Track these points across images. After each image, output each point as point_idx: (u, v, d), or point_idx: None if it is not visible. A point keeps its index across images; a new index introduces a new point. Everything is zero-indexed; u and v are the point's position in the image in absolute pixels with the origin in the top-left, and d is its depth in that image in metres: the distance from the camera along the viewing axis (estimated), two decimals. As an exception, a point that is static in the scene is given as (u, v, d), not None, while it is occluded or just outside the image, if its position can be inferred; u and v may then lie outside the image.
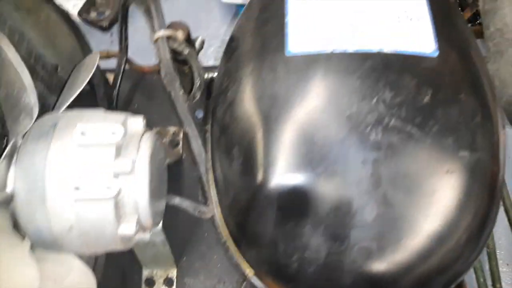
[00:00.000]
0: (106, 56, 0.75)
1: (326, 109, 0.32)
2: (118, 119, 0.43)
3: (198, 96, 0.52)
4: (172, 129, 0.71)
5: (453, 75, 0.34)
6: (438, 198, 0.32)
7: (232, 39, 0.39)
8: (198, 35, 0.69)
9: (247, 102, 0.34)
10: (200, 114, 0.50)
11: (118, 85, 0.67)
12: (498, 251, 0.60)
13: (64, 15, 0.56)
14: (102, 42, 0.84)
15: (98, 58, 0.54)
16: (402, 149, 0.31)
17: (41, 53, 0.57)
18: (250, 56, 0.36)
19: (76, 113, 0.46)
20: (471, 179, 0.32)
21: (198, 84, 0.53)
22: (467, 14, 0.71)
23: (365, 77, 0.33)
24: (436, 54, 0.34)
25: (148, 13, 0.53)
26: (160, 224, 0.54)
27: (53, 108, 0.56)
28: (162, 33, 0.52)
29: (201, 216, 0.50)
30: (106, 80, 0.71)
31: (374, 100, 0.32)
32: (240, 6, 0.78)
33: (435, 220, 0.31)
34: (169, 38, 0.52)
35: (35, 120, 0.44)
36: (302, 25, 0.35)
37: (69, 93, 0.53)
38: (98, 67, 0.64)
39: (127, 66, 0.70)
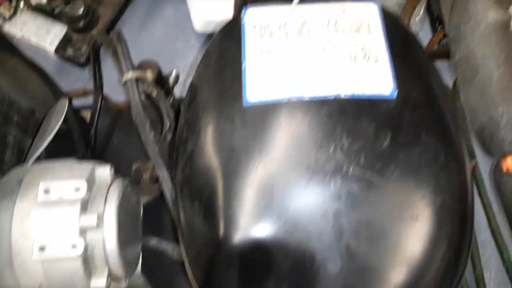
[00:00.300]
0: (83, 93, 0.75)
1: (284, 160, 0.32)
2: (84, 172, 0.43)
3: (169, 137, 0.52)
4: (152, 164, 0.71)
5: (413, 115, 0.33)
6: (404, 246, 0.31)
7: (191, 88, 0.38)
8: (173, 68, 0.69)
9: (206, 155, 0.34)
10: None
11: (95, 123, 0.67)
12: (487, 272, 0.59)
13: (30, 63, 0.56)
14: (80, 78, 0.84)
15: (67, 104, 0.54)
16: (363, 198, 0.31)
17: (14, 99, 0.56)
18: (208, 106, 0.35)
19: (43, 166, 0.46)
20: (437, 223, 0.31)
21: (167, 126, 0.52)
22: (441, 33, 0.71)
23: (322, 124, 0.32)
24: (394, 94, 0.33)
25: (115, 55, 0.53)
26: (139, 267, 0.53)
27: (26, 154, 0.56)
28: (130, 75, 0.51)
29: (178, 258, 0.49)
30: (83, 119, 0.70)
31: (332, 148, 0.31)
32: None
33: (402, 269, 0.31)
34: (138, 79, 0.52)
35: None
36: (259, 73, 0.34)
37: (39, 142, 0.53)
38: (71, 109, 0.64)
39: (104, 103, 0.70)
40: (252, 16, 0.37)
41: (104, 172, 0.44)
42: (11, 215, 0.40)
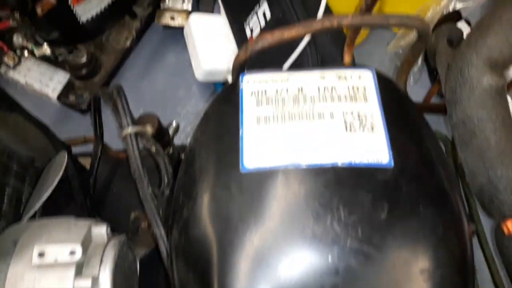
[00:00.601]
0: (83, 141, 0.76)
1: (280, 231, 0.32)
2: (81, 232, 0.43)
3: (167, 193, 0.52)
4: (150, 214, 0.70)
5: (411, 185, 0.33)
6: (403, 322, 0.30)
7: (188, 152, 0.39)
8: (173, 117, 0.70)
9: (201, 224, 0.34)
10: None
11: (94, 173, 0.67)
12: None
13: (30, 116, 0.57)
14: (82, 123, 0.85)
15: (66, 158, 0.54)
16: (361, 272, 0.30)
17: (14, 150, 0.57)
18: (204, 173, 0.35)
19: (39, 225, 0.45)
20: (437, 297, 0.31)
21: (166, 182, 0.52)
22: (438, 85, 0.72)
23: (319, 194, 0.32)
24: (391, 164, 0.34)
25: (115, 109, 0.53)
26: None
27: (25, 206, 0.56)
28: (129, 130, 0.52)
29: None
30: (82, 167, 0.71)
31: (329, 219, 0.31)
32: (217, 84, 0.79)
33: None
34: (137, 134, 0.53)
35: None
36: (256, 140, 0.35)
37: (37, 197, 0.53)
38: (71, 158, 0.65)
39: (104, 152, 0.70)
40: (249, 82, 0.38)
41: (100, 231, 0.44)
42: (5, 277, 0.40)
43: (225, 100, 0.39)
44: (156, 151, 0.52)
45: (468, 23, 0.81)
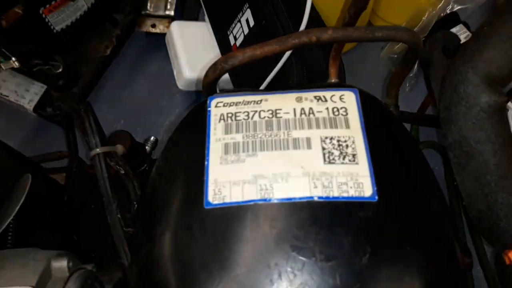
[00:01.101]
0: (59, 157, 0.72)
1: (247, 279, 0.28)
2: (38, 268, 0.40)
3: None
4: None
5: (397, 223, 0.30)
6: None
7: (149, 184, 0.35)
8: (150, 135, 0.67)
9: (160, 269, 0.30)
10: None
11: (68, 189, 0.64)
12: None
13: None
14: (60, 135, 0.82)
15: (29, 180, 0.51)
16: (339, 327, 0.27)
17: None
18: (165, 210, 0.32)
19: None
20: None
21: (135, 207, 0.49)
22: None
23: (292, 235, 0.29)
24: (375, 198, 0.30)
25: (82, 129, 0.50)
26: None
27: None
28: (98, 150, 0.49)
29: None
30: (58, 185, 0.67)
31: (302, 265, 0.28)
32: (199, 93, 0.76)
33: None
34: (107, 154, 0.49)
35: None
36: (224, 171, 0.31)
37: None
38: (43, 179, 0.61)
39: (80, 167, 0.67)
40: (218, 105, 0.34)
41: (61, 265, 0.40)
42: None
43: (190, 125, 0.35)
44: (126, 174, 0.48)
45: (467, 26, 0.77)
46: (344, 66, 0.61)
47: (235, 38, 0.66)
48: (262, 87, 0.58)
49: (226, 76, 0.67)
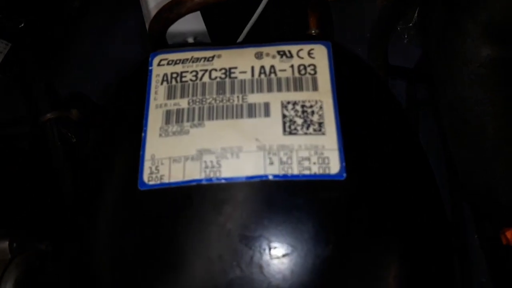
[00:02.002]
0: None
1: (186, 277, 0.24)
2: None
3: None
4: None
5: (368, 206, 0.25)
6: None
7: (85, 158, 0.30)
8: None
9: (93, 260, 0.26)
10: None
11: (33, 156, 0.60)
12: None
13: None
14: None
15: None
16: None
17: None
18: (99, 192, 0.27)
19: None
20: None
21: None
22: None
23: (241, 223, 0.24)
24: (342, 175, 0.25)
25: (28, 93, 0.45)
26: None
27: None
28: (48, 115, 0.44)
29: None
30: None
31: (253, 260, 0.23)
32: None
33: None
34: (59, 119, 0.44)
35: None
36: (164, 145, 0.26)
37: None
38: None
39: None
40: (161, 64, 0.29)
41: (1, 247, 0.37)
42: None
43: (129, 88, 0.30)
44: (78, 143, 0.44)
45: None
46: (332, 15, 0.54)
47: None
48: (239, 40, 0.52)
49: (203, 28, 0.61)
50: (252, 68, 0.28)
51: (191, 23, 0.48)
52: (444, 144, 0.48)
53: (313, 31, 0.38)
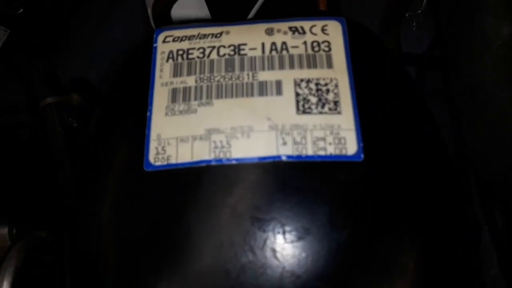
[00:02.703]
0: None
1: (196, 268, 0.22)
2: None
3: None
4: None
5: (387, 189, 0.24)
6: None
7: (88, 138, 0.29)
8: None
9: (97, 246, 0.25)
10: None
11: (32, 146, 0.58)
12: None
13: None
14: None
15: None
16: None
17: None
18: (103, 173, 0.26)
19: None
20: None
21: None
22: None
23: (252, 205, 0.23)
24: (360, 157, 0.24)
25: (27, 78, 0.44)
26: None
27: None
28: (48, 99, 0.43)
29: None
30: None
31: (264, 241, 0.22)
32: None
33: None
34: (59, 105, 0.43)
35: None
36: (170, 124, 0.25)
37: None
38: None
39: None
40: (166, 40, 0.27)
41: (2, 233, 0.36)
42: None
43: (132, 66, 0.28)
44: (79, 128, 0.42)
45: None
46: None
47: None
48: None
49: (206, 13, 0.60)
50: (263, 44, 0.27)
51: (194, 10, 0.46)
52: (456, 135, 0.47)
53: (321, 9, 0.36)
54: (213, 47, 0.27)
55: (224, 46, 0.27)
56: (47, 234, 0.40)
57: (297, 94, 0.25)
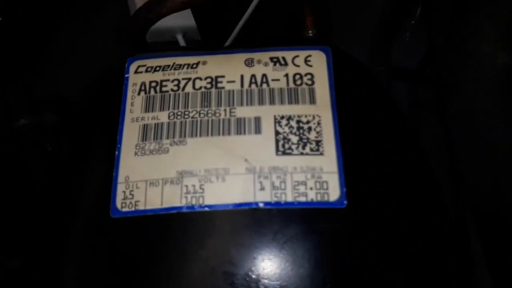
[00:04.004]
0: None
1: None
2: None
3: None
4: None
5: (374, 239, 0.22)
6: None
7: (54, 178, 0.27)
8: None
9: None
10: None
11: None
12: None
13: None
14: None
15: None
16: None
17: None
18: (68, 219, 0.24)
19: None
20: None
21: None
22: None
23: (226, 259, 0.21)
24: (343, 203, 0.22)
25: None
26: None
27: None
28: (22, 121, 0.41)
29: None
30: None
31: (238, 301, 0.21)
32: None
33: None
34: (34, 126, 0.41)
35: None
36: (140, 166, 0.23)
37: None
38: None
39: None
40: (139, 71, 0.26)
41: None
42: None
43: (102, 98, 0.27)
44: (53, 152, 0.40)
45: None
46: (330, 13, 0.51)
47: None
48: (227, 44, 0.49)
49: (193, 23, 0.58)
50: (242, 77, 0.25)
51: (180, 19, 0.44)
52: (449, 151, 0.46)
53: (310, 32, 0.35)
54: (189, 79, 0.25)
55: (200, 78, 0.25)
56: (17, 261, 0.38)
57: (277, 133, 0.24)
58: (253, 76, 0.25)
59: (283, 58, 0.26)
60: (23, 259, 0.37)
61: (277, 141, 0.23)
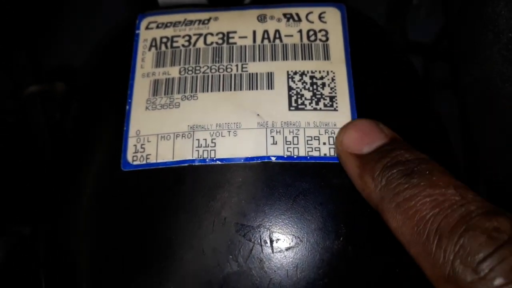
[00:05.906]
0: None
1: (174, 271, 0.21)
2: None
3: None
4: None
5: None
6: None
7: (65, 133, 0.27)
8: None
9: (71, 247, 0.23)
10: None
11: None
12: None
13: None
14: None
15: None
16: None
17: None
18: (78, 172, 0.24)
19: None
20: None
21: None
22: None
23: (238, 211, 0.21)
24: (358, 158, 0.22)
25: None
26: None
27: None
28: (31, 89, 0.41)
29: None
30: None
31: (250, 251, 0.21)
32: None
33: None
34: (43, 94, 0.42)
35: None
36: (151, 119, 0.23)
37: None
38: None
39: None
40: (150, 27, 0.26)
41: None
42: None
43: (112, 55, 0.27)
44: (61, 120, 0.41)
45: None
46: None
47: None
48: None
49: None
50: (254, 32, 0.25)
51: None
52: (463, 129, 0.46)
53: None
54: (200, 35, 0.25)
55: (211, 34, 0.25)
56: (28, 228, 0.39)
57: (290, 88, 0.24)
58: (265, 31, 0.25)
59: (297, 14, 0.26)
60: (33, 225, 0.38)
61: (290, 97, 0.23)
